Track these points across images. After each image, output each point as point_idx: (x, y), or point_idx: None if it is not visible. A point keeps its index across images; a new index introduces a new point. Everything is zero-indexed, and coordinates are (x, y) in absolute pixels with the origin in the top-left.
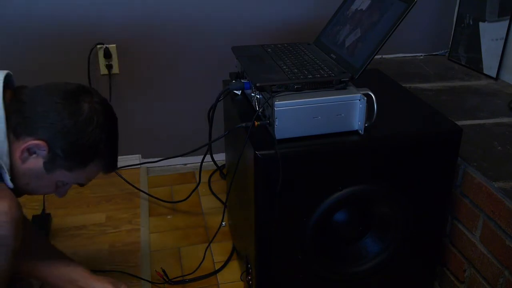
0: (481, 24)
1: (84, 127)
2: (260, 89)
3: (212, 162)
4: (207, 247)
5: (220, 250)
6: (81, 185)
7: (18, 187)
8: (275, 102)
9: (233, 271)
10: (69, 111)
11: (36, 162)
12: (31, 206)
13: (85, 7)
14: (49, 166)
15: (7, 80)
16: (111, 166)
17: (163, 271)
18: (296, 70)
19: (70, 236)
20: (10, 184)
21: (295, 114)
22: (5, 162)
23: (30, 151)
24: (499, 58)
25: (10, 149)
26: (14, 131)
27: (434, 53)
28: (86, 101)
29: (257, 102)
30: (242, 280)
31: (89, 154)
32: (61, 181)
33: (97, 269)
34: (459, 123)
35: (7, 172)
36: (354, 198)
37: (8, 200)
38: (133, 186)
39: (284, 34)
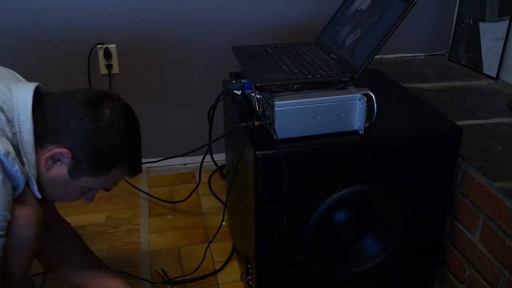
0: (481, 24)
1: (105, 133)
2: (260, 89)
3: (212, 162)
4: (207, 247)
5: (220, 250)
6: (107, 189)
7: (45, 195)
8: (275, 102)
9: (233, 271)
10: (90, 117)
11: (60, 170)
12: None
13: (85, 7)
14: (74, 173)
15: (35, 92)
16: (135, 170)
17: (163, 271)
18: (296, 70)
19: None
20: (39, 195)
21: (295, 114)
22: (32, 173)
23: (54, 159)
24: (499, 58)
25: (36, 159)
26: (38, 139)
27: (434, 53)
28: (107, 106)
29: (257, 102)
30: (242, 280)
31: (111, 159)
32: (86, 187)
33: None
34: (459, 123)
35: (35, 183)
36: (354, 198)
37: (33, 205)
38: (133, 186)
39: (284, 34)
